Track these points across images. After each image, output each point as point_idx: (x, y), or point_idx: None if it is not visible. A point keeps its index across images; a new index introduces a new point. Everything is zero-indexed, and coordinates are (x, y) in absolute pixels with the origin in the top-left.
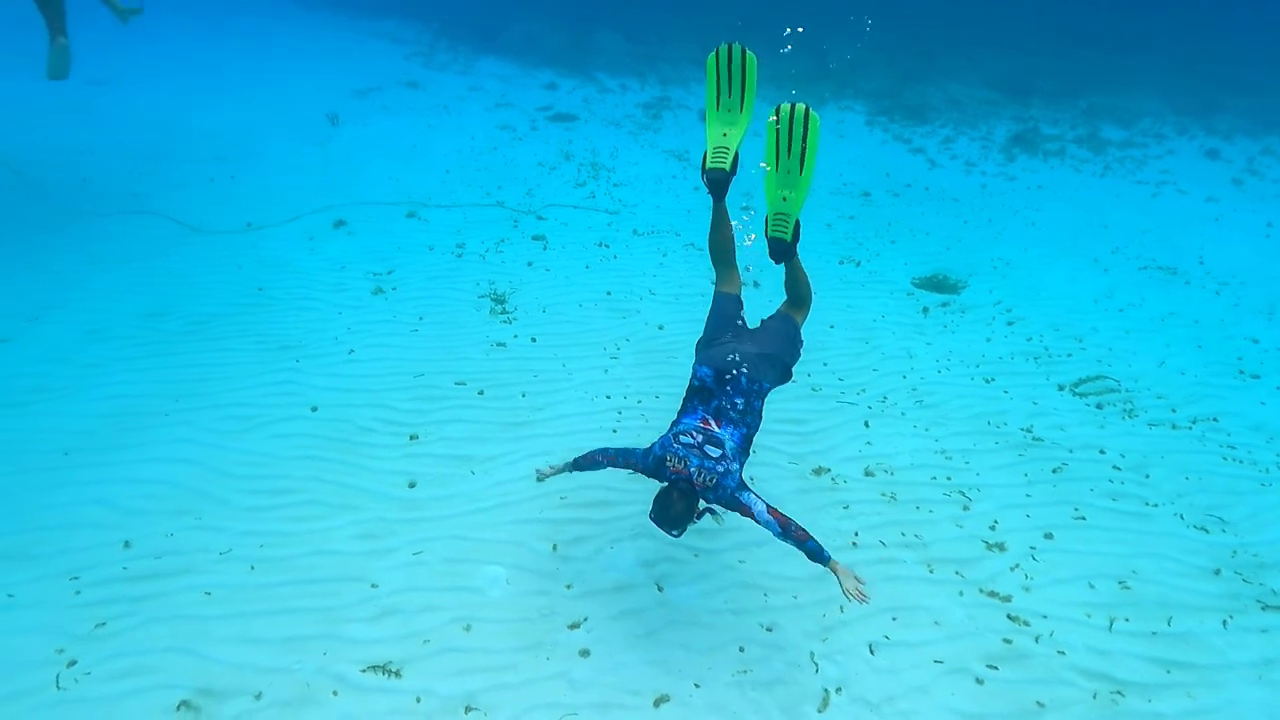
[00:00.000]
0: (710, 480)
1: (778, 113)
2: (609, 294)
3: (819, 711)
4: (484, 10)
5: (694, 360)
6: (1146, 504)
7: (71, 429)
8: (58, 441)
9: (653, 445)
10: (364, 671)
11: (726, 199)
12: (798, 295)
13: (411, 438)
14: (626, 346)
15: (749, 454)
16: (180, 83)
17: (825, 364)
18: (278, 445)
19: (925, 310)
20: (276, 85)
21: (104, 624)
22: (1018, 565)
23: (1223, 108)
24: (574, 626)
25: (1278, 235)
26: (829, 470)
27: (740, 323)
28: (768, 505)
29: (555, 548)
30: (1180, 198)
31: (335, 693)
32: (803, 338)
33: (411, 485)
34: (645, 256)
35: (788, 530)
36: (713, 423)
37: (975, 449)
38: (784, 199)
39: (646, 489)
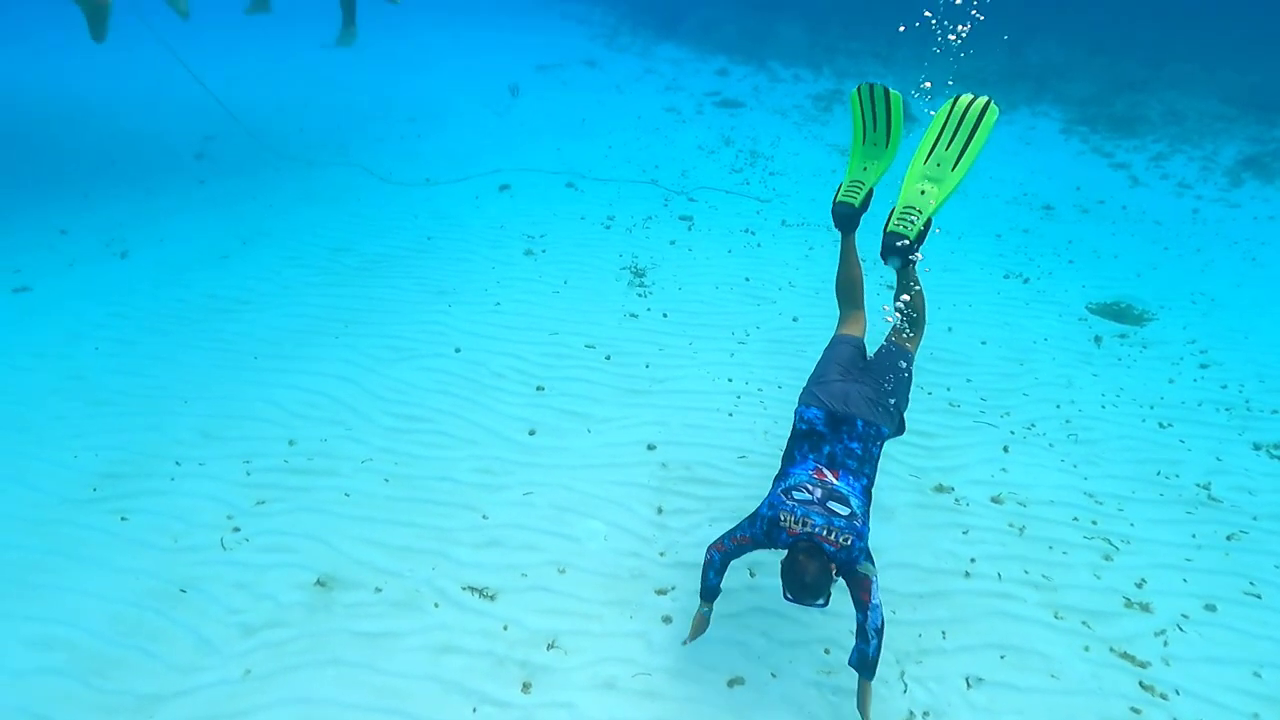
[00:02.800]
0: (844, 540)
1: (954, 102)
2: (747, 280)
3: None
4: None
5: (799, 404)
6: None
7: (262, 337)
8: (250, 346)
9: (759, 508)
10: (464, 590)
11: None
12: (907, 316)
13: (538, 389)
14: (756, 334)
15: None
16: (390, 50)
17: (969, 380)
18: (421, 377)
19: (1098, 339)
20: (469, 57)
21: (264, 502)
22: (1164, 632)
23: None
24: (661, 592)
25: None
26: (952, 490)
27: (857, 367)
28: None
29: (660, 511)
30: None
31: (436, 604)
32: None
33: (531, 433)
34: (790, 247)
35: (863, 630)
36: (828, 474)
37: (1133, 497)
38: (922, 192)
39: (762, 477)
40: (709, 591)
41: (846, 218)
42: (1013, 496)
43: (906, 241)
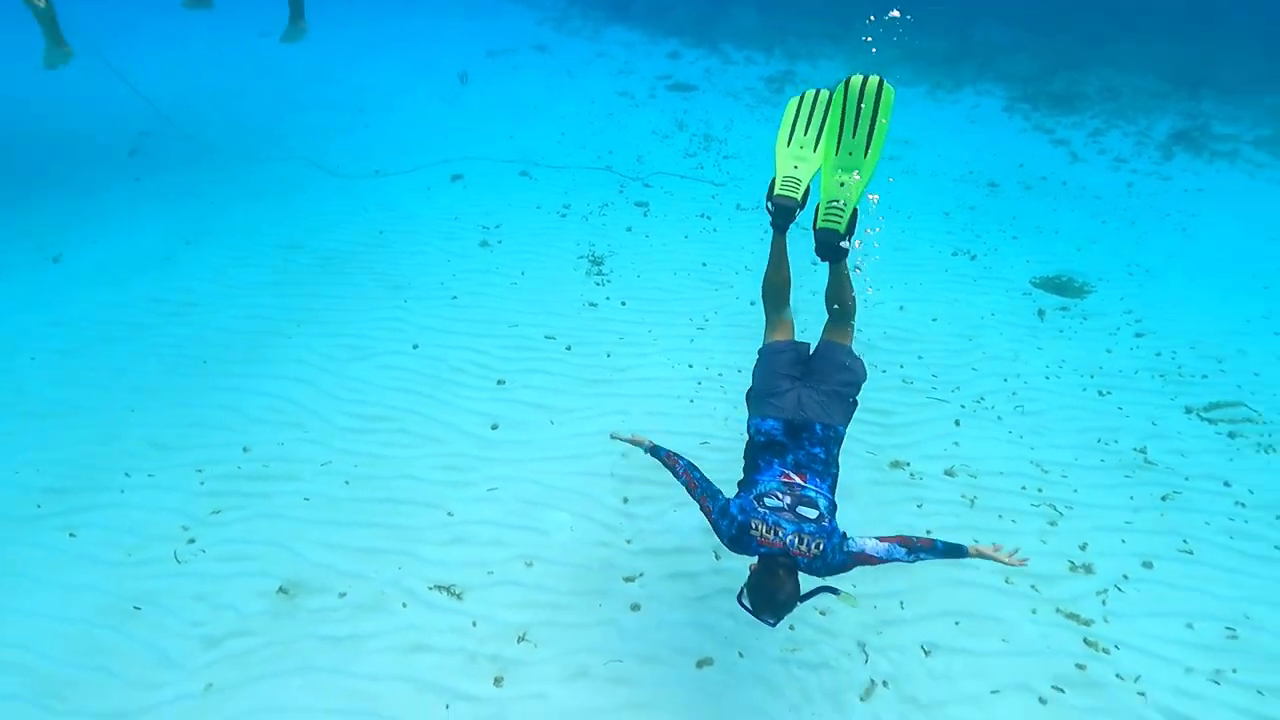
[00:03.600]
0: (815, 547)
1: (846, 84)
2: (704, 265)
3: (861, 700)
4: None
5: (750, 414)
6: (1274, 547)
7: (212, 340)
8: (199, 351)
9: (729, 504)
10: (431, 589)
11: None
12: (843, 308)
13: (499, 383)
14: (715, 318)
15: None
16: (334, 37)
17: (920, 357)
18: (379, 375)
19: (1041, 313)
20: (416, 44)
21: (220, 511)
22: (1105, 590)
23: None
24: (629, 580)
25: None
26: (908, 465)
27: (798, 369)
28: (877, 537)
29: (626, 500)
30: None
31: (404, 605)
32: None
33: (494, 427)
34: (746, 231)
35: (913, 548)
36: (796, 478)
37: (1076, 464)
38: (841, 184)
39: (725, 461)
40: (657, 452)
41: (787, 212)
42: (964, 469)
43: (838, 234)
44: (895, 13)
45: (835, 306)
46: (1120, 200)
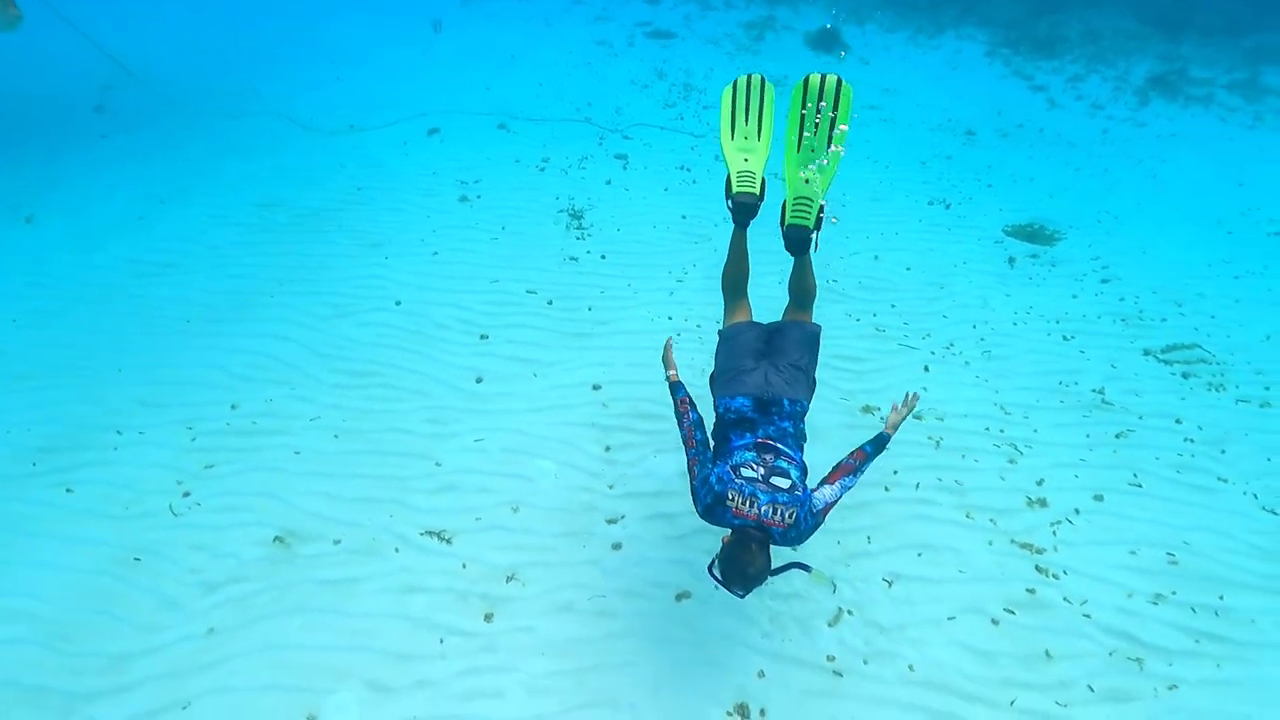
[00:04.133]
0: (789, 517)
1: (806, 83)
2: (684, 218)
3: (829, 626)
4: None
5: (717, 394)
6: (1217, 479)
7: (194, 300)
8: (181, 311)
9: (708, 475)
10: (422, 535)
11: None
12: (804, 294)
13: (482, 337)
14: (694, 271)
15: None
16: None
17: (893, 305)
18: (364, 332)
19: (1012, 260)
20: None
21: (212, 466)
22: (1058, 522)
23: None
24: (611, 522)
25: None
26: (878, 409)
27: (761, 346)
28: (824, 482)
29: (608, 449)
30: None
31: (397, 549)
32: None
33: (478, 380)
34: (723, 185)
35: (855, 470)
36: (768, 453)
37: (1037, 405)
38: (806, 181)
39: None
40: (677, 389)
41: (749, 208)
42: (931, 412)
43: (807, 230)
44: None
45: (798, 291)
46: (1094, 147)
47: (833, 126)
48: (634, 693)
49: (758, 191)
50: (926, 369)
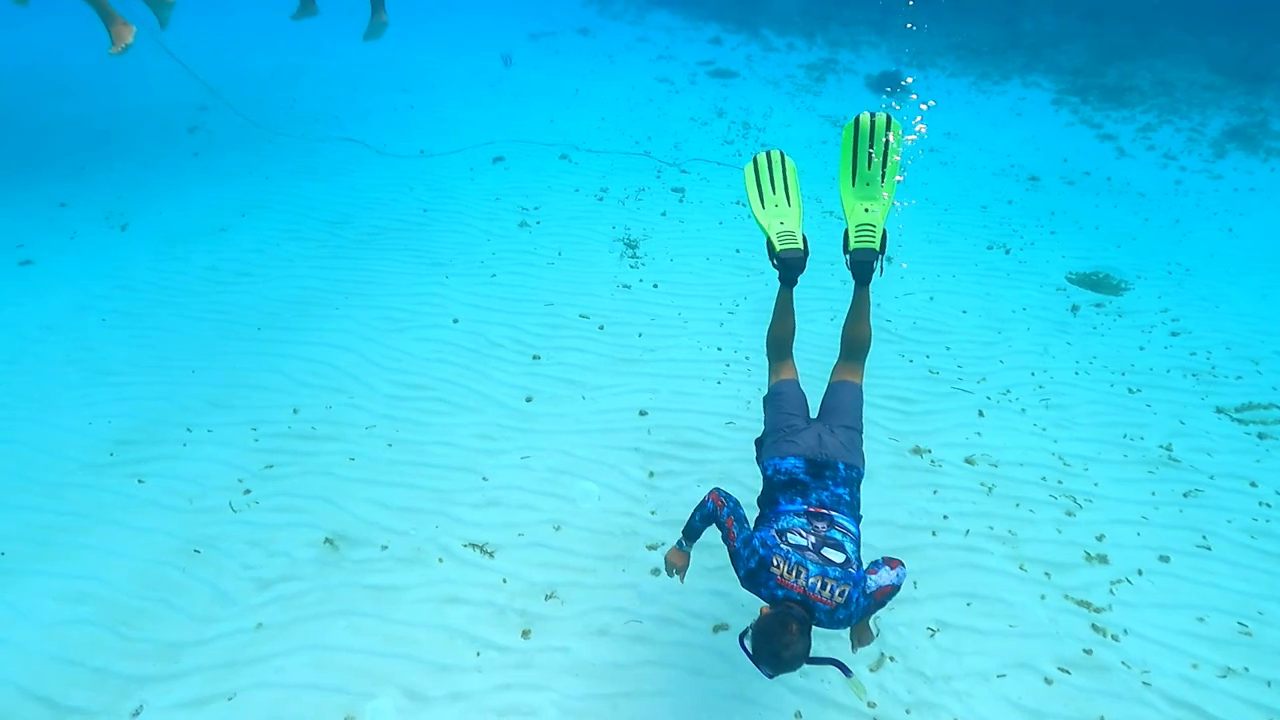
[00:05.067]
0: (839, 595)
1: (857, 123)
2: (738, 251)
3: (870, 671)
4: None
5: (765, 456)
6: None
7: (263, 309)
8: (252, 318)
9: (752, 537)
10: (465, 547)
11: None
12: (860, 343)
13: (534, 358)
14: (745, 304)
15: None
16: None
17: (948, 348)
18: (420, 347)
19: (1075, 308)
20: (461, 24)
21: (272, 466)
22: (1119, 581)
23: None
24: (651, 548)
25: None
26: (929, 452)
27: (809, 411)
28: (884, 561)
29: (651, 475)
30: None
31: (440, 560)
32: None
33: (528, 400)
34: None
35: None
36: (820, 522)
37: (1098, 458)
38: (866, 210)
39: (744, 439)
40: (691, 531)
41: (796, 264)
42: (985, 458)
43: (875, 254)
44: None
45: (854, 339)
46: (1166, 198)
47: (886, 160)
48: None
49: (802, 246)
50: (981, 414)
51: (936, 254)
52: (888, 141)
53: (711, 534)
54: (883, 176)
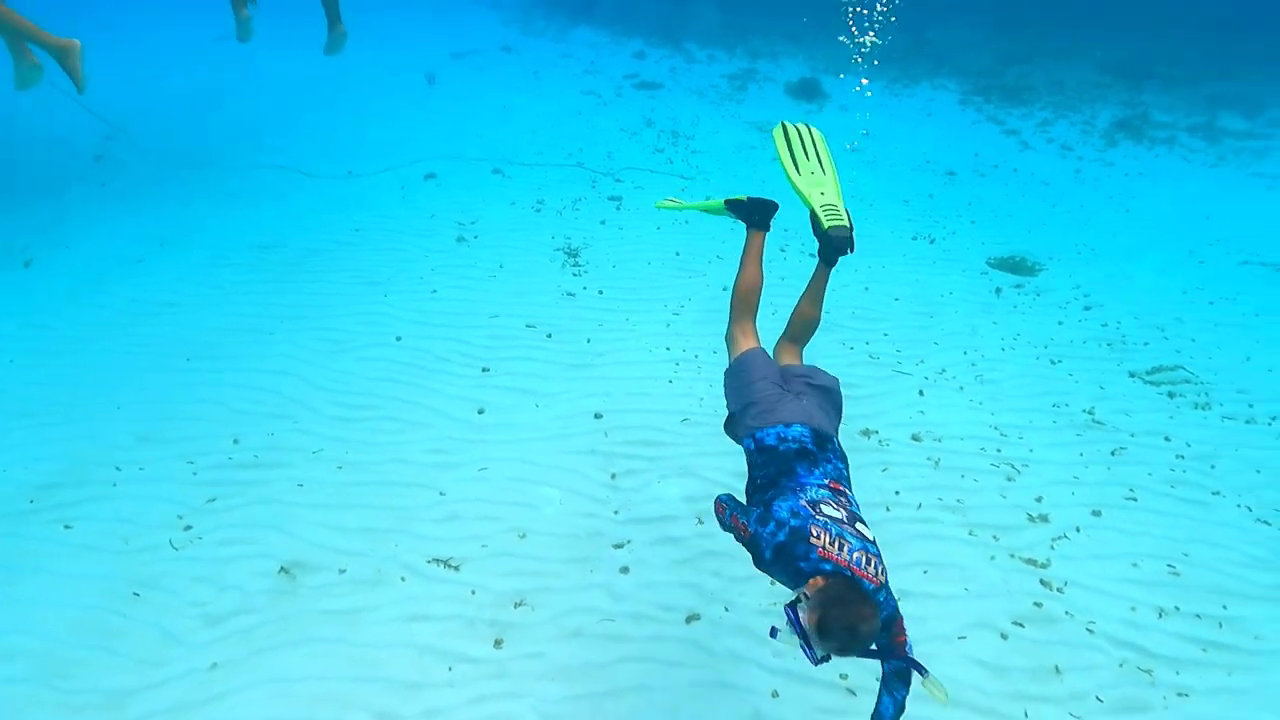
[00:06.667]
0: (882, 574)
1: (784, 129)
2: (678, 254)
3: None
4: None
5: (757, 426)
6: (1210, 493)
7: (194, 339)
8: (182, 349)
9: (768, 511)
10: (428, 563)
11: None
12: (813, 322)
13: (483, 370)
14: (689, 305)
15: None
16: (297, 39)
17: (886, 334)
18: (365, 367)
19: (998, 290)
20: (382, 45)
21: (214, 499)
22: (1059, 537)
23: None
24: (618, 547)
25: None
26: (876, 432)
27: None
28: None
29: (614, 476)
30: None
31: (403, 578)
32: None
33: (480, 411)
34: (716, 222)
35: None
36: (842, 498)
37: (1031, 426)
38: (822, 193)
39: (699, 434)
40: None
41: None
42: (929, 434)
43: (850, 230)
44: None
45: (808, 319)
46: (1068, 185)
47: (819, 152)
48: (650, 717)
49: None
50: (921, 393)
51: (867, 246)
52: (814, 138)
53: (676, 526)
54: (822, 166)
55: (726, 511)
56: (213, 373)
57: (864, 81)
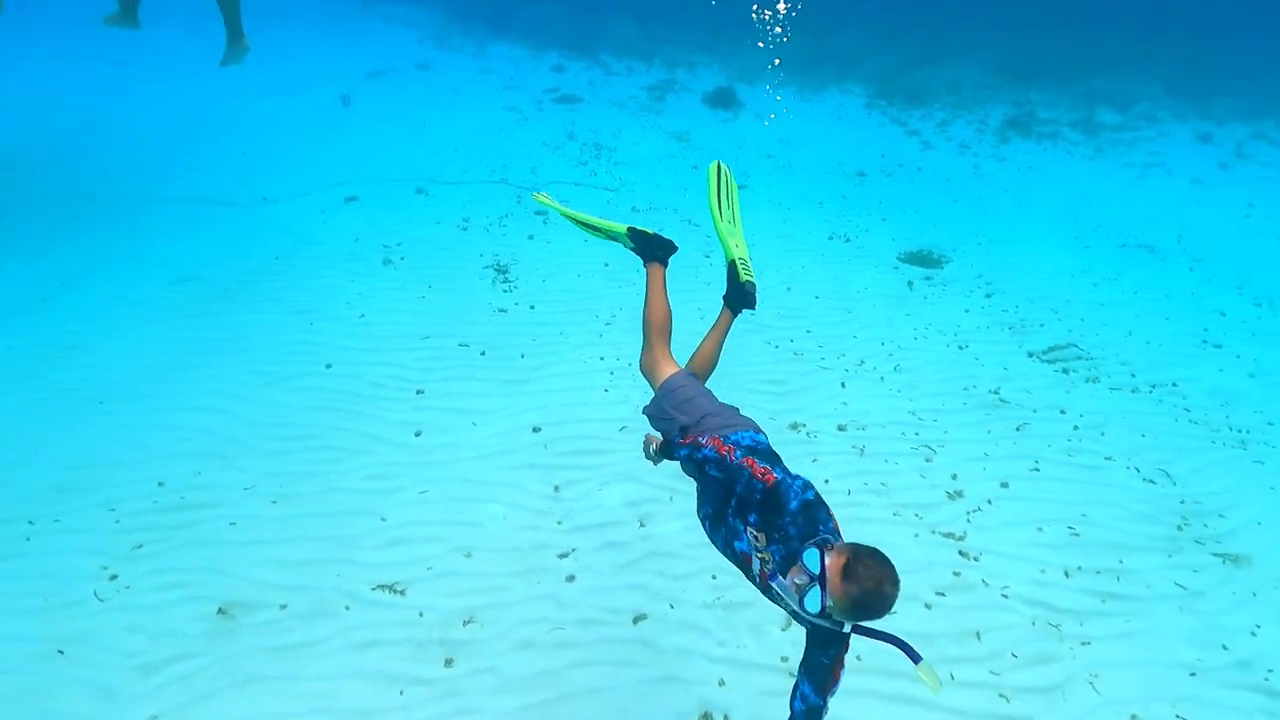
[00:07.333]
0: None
1: (718, 169)
2: (606, 265)
3: (782, 630)
4: None
5: (733, 434)
6: (1103, 458)
7: (109, 380)
8: (95, 391)
9: (791, 480)
10: (374, 590)
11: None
12: (715, 361)
13: (418, 392)
14: (621, 314)
15: None
16: (199, 64)
17: (808, 331)
18: (296, 397)
19: (910, 284)
20: (291, 69)
21: (141, 546)
22: (975, 510)
23: (1220, 92)
24: (563, 556)
25: (1258, 216)
26: (804, 425)
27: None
28: None
29: (557, 489)
30: (1167, 179)
31: (348, 607)
32: None
33: (418, 434)
34: None
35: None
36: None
37: (944, 409)
38: (736, 245)
39: (638, 441)
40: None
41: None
42: (853, 424)
43: (756, 287)
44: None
45: (712, 358)
46: (967, 181)
47: (734, 202)
48: (603, 718)
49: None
50: (844, 385)
51: (786, 248)
52: (733, 190)
53: (619, 530)
54: (735, 219)
55: (738, 453)
56: (131, 415)
57: (778, 98)
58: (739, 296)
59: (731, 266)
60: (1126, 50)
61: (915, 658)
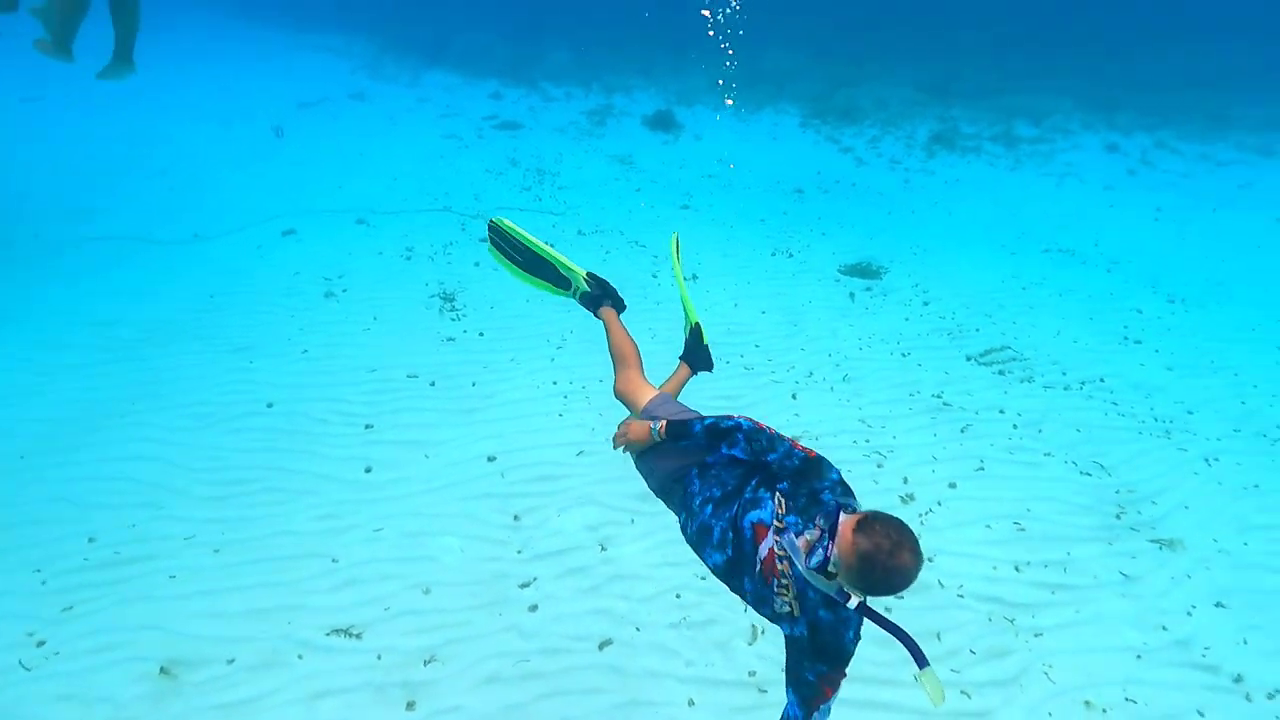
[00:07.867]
0: None
1: (677, 242)
2: None
3: (749, 645)
4: (432, 23)
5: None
6: (1042, 454)
7: (24, 433)
8: (13, 446)
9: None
10: (328, 635)
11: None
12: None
13: (367, 427)
14: (571, 337)
15: None
16: (119, 96)
17: (757, 346)
18: (236, 439)
19: (852, 295)
20: (219, 100)
21: (71, 608)
22: (927, 512)
23: (1124, 105)
24: (524, 586)
25: (1165, 219)
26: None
27: None
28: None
29: (517, 518)
30: (1081, 187)
31: (300, 656)
32: None
33: (368, 470)
34: (589, 254)
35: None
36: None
37: (891, 415)
38: (693, 309)
39: (595, 463)
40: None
41: (706, 360)
42: (807, 433)
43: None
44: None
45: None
46: (899, 194)
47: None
48: None
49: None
50: (794, 397)
51: (731, 266)
52: (680, 261)
53: (580, 556)
54: (680, 283)
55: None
56: (55, 468)
57: (717, 118)
58: (703, 359)
59: (695, 329)
60: (1039, 67)
61: (922, 661)
